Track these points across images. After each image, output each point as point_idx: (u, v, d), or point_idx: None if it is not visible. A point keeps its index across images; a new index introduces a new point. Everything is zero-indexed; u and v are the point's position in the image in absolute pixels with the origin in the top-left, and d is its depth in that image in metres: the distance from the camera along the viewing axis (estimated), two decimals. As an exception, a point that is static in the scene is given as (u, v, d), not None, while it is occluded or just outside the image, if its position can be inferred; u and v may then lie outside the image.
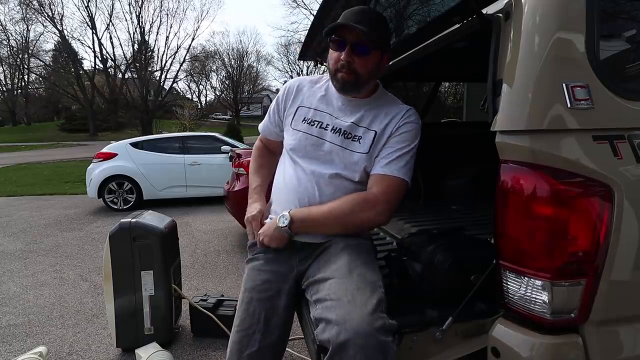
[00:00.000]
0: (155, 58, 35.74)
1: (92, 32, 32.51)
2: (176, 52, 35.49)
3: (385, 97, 1.38)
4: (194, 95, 45.11)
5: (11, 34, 35.12)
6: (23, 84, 40.94)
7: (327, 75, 1.39)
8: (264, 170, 1.55)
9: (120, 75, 34.26)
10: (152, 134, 18.94)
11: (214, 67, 42.11)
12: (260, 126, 1.57)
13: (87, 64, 45.62)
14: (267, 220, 1.38)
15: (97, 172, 6.95)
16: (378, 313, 1.05)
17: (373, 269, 1.22)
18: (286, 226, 1.28)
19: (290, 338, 2.51)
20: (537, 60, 0.95)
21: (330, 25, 1.24)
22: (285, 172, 1.38)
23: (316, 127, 1.34)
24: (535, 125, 0.95)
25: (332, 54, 1.29)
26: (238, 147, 6.59)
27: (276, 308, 1.30)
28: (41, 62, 36.82)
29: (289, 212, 1.29)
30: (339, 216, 1.26)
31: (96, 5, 39.08)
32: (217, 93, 45.14)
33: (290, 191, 1.33)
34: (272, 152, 1.58)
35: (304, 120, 1.37)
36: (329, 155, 1.31)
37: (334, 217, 1.26)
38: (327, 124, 1.34)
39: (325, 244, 1.31)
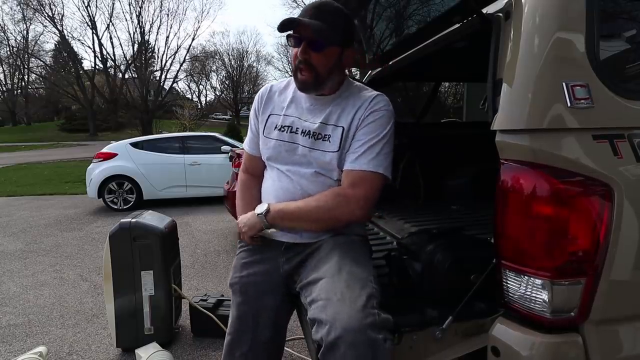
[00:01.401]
0: (155, 58, 35.88)
1: (92, 32, 32.63)
2: (176, 52, 35.64)
3: (352, 89, 1.34)
4: (194, 95, 45.26)
5: (11, 34, 35.29)
6: (23, 84, 40.98)
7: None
8: (251, 208, 1.40)
9: (120, 75, 34.29)
10: (152, 134, 18.96)
11: (214, 67, 42.26)
12: (246, 145, 1.49)
13: (87, 64, 45.77)
14: None
15: (97, 172, 6.94)
16: (368, 309, 1.04)
17: (364, 266, 1.21)
18: (262, 213, 1.29)
19: (290, 338, 2.50)
20: (537, 60, 0.95)
21: (282, 20, 1.20)
22: (270, 177, 1.38)
23: (287, 132, 1.32)
24: (535, 124, 0.95)
25: (292, 52, 1.27)
26: (238, 147, 6.58)
27: (263, 308, 1.32)
28: (41, 62, 36.94)
29: (268, 203, 1.31)
30: (312, 211, 1.25)
31: (96, 5, 39.46)
32: (217, 93, 45.27)
33: (276, 192, 1.33)
34: (258, 180, 1.46)
35: (275, 127, 1.35)
36: (305, 158, 1.30)
37: (307, 211, 1.25)
38: (297, 128, 1.32)
39: (315, 244, 1.31)
